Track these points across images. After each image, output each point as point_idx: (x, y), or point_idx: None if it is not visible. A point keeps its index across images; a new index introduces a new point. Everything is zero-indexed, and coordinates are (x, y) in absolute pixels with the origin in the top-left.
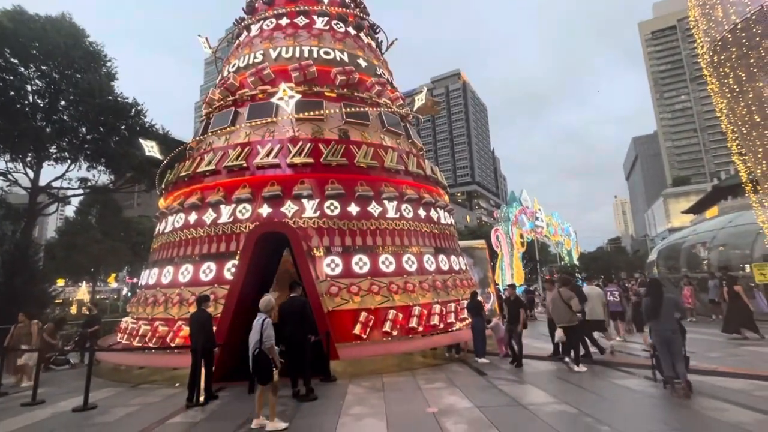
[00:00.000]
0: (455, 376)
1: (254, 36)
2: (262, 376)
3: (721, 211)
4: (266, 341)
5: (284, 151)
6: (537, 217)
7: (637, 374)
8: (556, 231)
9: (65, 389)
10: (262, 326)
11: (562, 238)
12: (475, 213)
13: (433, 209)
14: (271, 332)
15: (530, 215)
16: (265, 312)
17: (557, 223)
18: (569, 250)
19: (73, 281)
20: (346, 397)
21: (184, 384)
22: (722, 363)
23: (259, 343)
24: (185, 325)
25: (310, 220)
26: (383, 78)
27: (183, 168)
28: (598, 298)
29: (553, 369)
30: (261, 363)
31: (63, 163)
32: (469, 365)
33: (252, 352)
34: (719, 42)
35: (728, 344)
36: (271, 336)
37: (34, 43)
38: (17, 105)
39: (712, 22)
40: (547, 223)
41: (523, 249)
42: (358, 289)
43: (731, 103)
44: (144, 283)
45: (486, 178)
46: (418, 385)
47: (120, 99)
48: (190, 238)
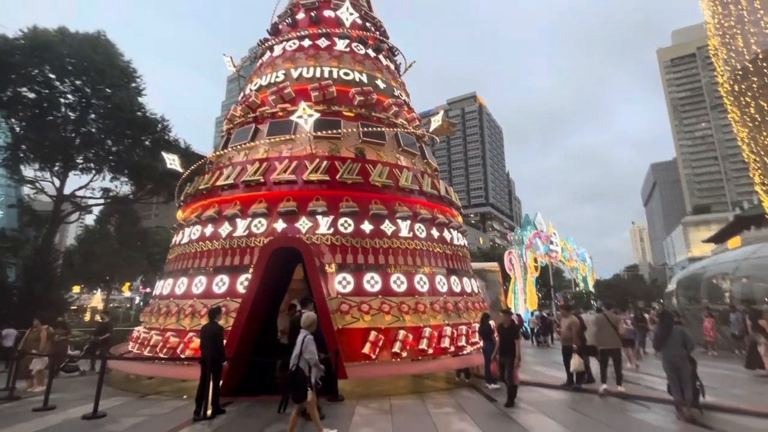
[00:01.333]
0: (465, 402)
1: (277, 56)
2: (297, 394)
3: (744, 242)
4: (310, 358)
5: (301, 168)
6: (551, 241)
7: (655, 409)
8: (571, 256)
9: (76, 396)
10: (303, 343)
11: (577, 264)
12: (488, 235)
13: (446, 230)
14: (314, 349)
15: (545, 239)
16: (306, 328)
17: (572, 248)
18: (585, 276)
19: (89, 288)
20: (354, 418)
21: (192, 396)
22: (746, 401)
23: (297, 359)
24: (196, 337)
25: (323, 237)
26: (400, 99)
27: (202, 181)
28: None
29: (566, 398)
30: (297, 380)
31: (88, 173)
32: (480, 391)
33: (290, 368)
34: (740, 71)
35: (753, 381)
36: (313, 353)
37: (71, 60)
38: (49, 116)
39: (733, 52)
40: (562, 247)
41: (537, 273)
42: (369, 308)
43: (753, 132)
44: (158, 293)
45: (500, 200)
46: (426, 409)
47: (148, 114)
48: (205, 250)
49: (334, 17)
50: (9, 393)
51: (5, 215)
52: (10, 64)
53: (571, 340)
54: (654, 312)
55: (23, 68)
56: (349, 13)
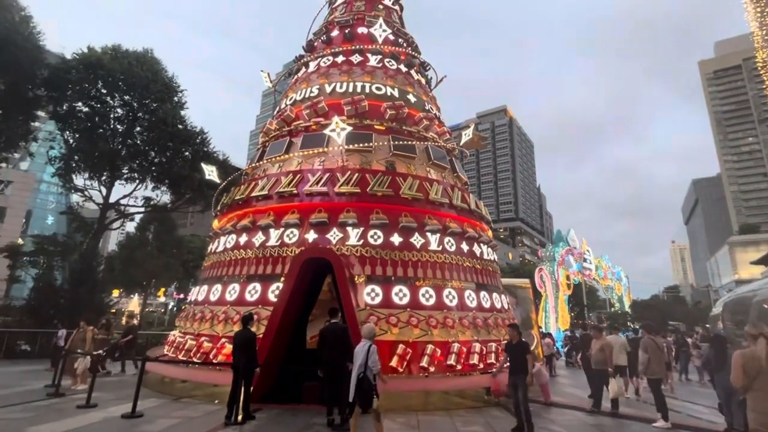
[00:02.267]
0: (495, 422)
1: (312, 72)
2: (364, 401)
3: None
4: (373, 367)
5: (333, 180)
6: (585, 259)
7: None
8: (606, 275)
9: (115, 395)
10: (368, 352)
11: (612, 283)
12: (518, 250)
13: (476, 244)
14: (377, 358)
15: (578, 256)
16: (368, 338)
17: (607, 267)
18: (620, 296)
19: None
20: None
21: (223, 402)
22: None
23: (363, 368)
24: (228, 343)
25: (353, 248)
26: (431, 113)
27: (238, 192)
28: (622, 347)
29: (594, 422)
30: (365, 388)
31: (132, 183)
32: (509, 411)
33: (357, 376)
34: None
35: None
36: (377, 362)
37: (120, 76)
38: (100, 129)
39: None
40: (597, 265)
41: (569, 291)
42: (397, 321)
43: None
44: (193, 298)
45: (530, 215)
46: (455, 426)
47: (189, 127)
48: (239, 258)
49: (368, 34)
50: (55, 390)
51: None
52: (67, 81)
53: (605, 363)
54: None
55: (78, 85)
56: (382, 30)
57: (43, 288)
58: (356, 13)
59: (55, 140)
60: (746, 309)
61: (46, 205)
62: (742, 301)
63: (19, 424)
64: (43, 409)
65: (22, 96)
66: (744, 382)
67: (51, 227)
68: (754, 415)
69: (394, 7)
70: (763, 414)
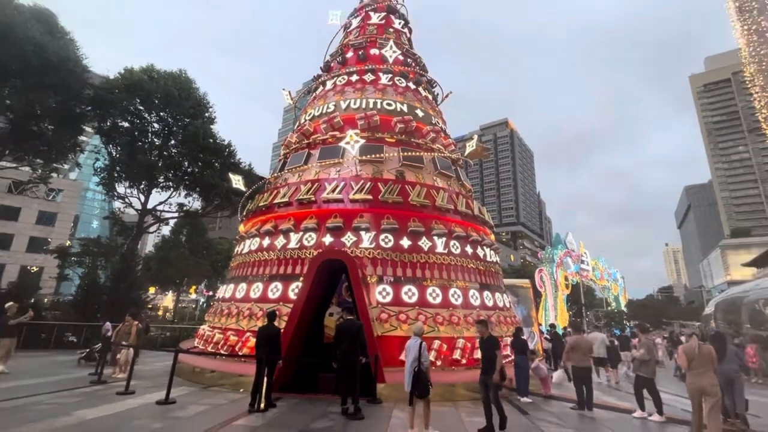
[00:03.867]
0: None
1: (328, 90)
2: (421, 390)
3: None
4: (424, 362)
5: (347, 188)
6: (583, 260)
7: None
8: (603, 275)
9: (151, 383)
10: (420, 348)
11: (608, 283)
12: (519, 253)
13: (479, 247)
14: (427, 353)
15: (576, 258)
16: (418, 335)
17: (604, 268)
18: (616, 296)
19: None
20: (391, 420)
21: (248, 390)
22: None
23: (417, 362)
24: (252, 337)
25: (366, 251)
26: (438, 126)
27: (262, 199)
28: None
29: (590, 415)
30: (421, 379)
31: (167, 191)
32: (512, 403)
33: (412, 369)
34: None
35: None
36: (427, 357)
37: (157, 95)
38: (139, 143)
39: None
40: (593, 267)
41: (567, 291)
42: (407, 317)
43: None
44: (221, 295)
45: (531, 220)
46: (460, 417)
47: (218, 140)
48: (262, 259)
49: (379, 55)
50: (98, 378)
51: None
52: (110, 100)
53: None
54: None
55: (120, 103)
56: (392, 51)
57: (88, 285)
58: (369, 36)
59: (100, 153)
60: (738, 309)
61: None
62: (733, 301)
63: (67, 408)
64: (87, 395)
65: (71, 113)
66: (685, 365)
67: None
68: (689, 385)
69: (403, 30)
70: (691, 383)
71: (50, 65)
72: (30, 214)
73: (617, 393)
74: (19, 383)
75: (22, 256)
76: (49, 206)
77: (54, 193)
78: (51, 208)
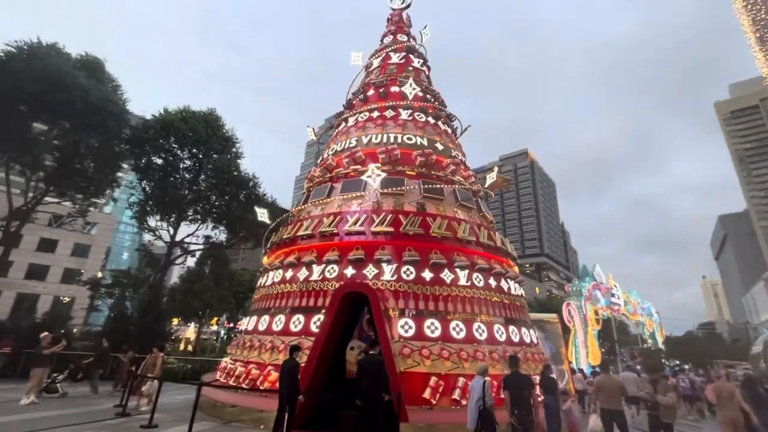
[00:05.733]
0: None
1: (351, 126)
2: (488, 429)
3: None
4: (488, 401)
5: (369, 221)
6: (613, 294)
7: None
8: (635, 310)
9: (174, 417)
10: (484, 387)
11: (642, 318)
12: (544, 285)
13: (503, 279)
14: (491, 392)
15: (605, 291)
16: (482, 375)
17: (636, 302)
18: (652, 332)
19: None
20: None
21: (268, 427)
22: None
23: (482, 401)
24: (274, 371)
25: (388, 283)
26: (457, 159)
27: (285, 231)
28: (634, 384)
29: None
30: (487, 418)
31: (195, 223)
32: None
33: (477, 408)
34: None
35: None
36: (491, 396)
37: (189, 134)
38: (170, 178)
39: None
40: (625, 300)
41: (598, 326)
42: (429, 353)
43: None
44: (244, 328)
45: (555, 251)
46: None
47: (243, 174)
48: (285, 291)
49: (399, 92)
50: (122, 410)
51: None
52: (146, 139)
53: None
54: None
55: (155, 141)
56: (412, 88)
57: (116, 316)
58: (389, 75)
59: (135, 188)
60: None
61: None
62: None
63: None
64: (112, 428)
65: (111, 152)
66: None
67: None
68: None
69: (422, 68)
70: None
71: (92, 107)
72: (66, 246)
73: None
74: (46, 414)
75: (56, 286)
76: (84, 239)
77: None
78: (86, 241)
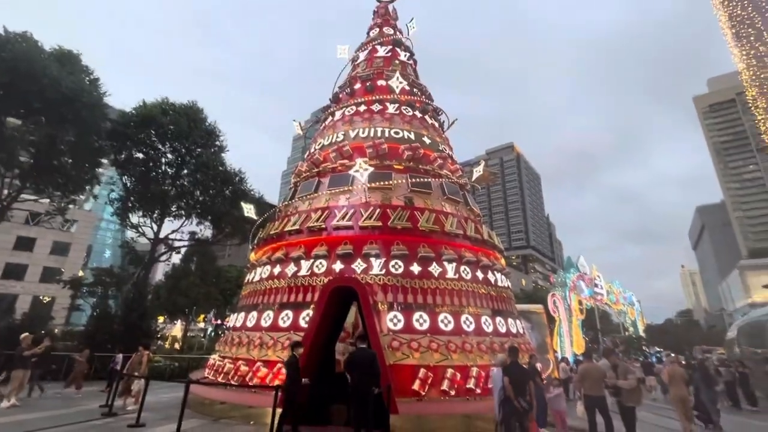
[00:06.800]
0: None
1: (337, 120)
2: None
3: None
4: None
5: (357, 215)
6: (596, 284)
7: None
8: (618, 299)
9: (161, 415)
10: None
11: (624, 307)
12: (530, 277)
13: (490, 272)
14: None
15: (588, 281)
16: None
17: (618, 291)
18: (634, 321)
19: (171, 319)
20: None
21: (258, 423)
22: None
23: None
24: (263, 366)
25: (376, 277)
26: (444, 153)
27: (273, 227)
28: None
29: None
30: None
31: (179, 219)
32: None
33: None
34: None
35: None
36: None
37: (170, 127)
38: (152, 173)
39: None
40: (608, 290)
41: (582, 316)
42: (418, 345)
43: None
44: (232, 324)
45: (541, 243)
46: None
47: (228, 169)
48: (273, 287)
49: (386, 86)
50: (108, 410)
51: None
52: (126, 133)
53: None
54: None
55: (135, 135)
56: (398, 82)
57: (99, 315)
58: (376, 68)
59: (115, 184)
60: (762, 332)
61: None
62: (757, 324)
63: None
64: (98, 428)
65: (89, 146)
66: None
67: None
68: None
69: (408, 62)
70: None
71: (65, 98)
72: (45, 245)
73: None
74: (30, 416)
75: (35, 286)
76: (63, 237)
77: (69, 223)
78: (65, 239)
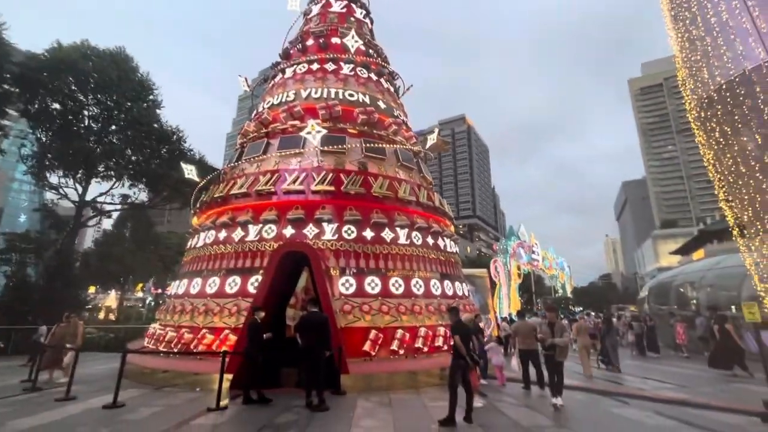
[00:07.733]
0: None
1: (288, 78)
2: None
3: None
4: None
5: (309, 179)
6: (533, 251)
7: (633, 404)
8: (551, 265)
9: (95, 387)
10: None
11: (556, 272)
12: (475, 244)
13: (440, 238)
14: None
15: (527, 249)
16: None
17: (552, 257)
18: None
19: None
20: (356, 410)
21: (205, 389)
22: (715, 398)
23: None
24: (209, 333)
25: (328, 243)
26: (399, 119)
27: (217, 190)
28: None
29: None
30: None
31: (108, 181)
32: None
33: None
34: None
35: (718, 380)
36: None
37: (93, 75)
38: (73, 127)
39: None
40: (543, 257)
41: (519, 280)
42: (370, 308)
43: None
44: (173, 292)
45: (486, 213)
46: (423, 402)
47: (164, 127)
48: (218, 253)
49: (341, 44)
50: (32, 385)
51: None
52: (38, 80)
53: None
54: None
55: (50, 83)
56: (354, 41)
57: (16, 285)
58: (330, 24)
59: (27, 138)
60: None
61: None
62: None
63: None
64: (21, 404)
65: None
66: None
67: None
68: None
69: (364, 20)
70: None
71: None
72: None
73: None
74: None
75: None
76: None
77: None
78: None
